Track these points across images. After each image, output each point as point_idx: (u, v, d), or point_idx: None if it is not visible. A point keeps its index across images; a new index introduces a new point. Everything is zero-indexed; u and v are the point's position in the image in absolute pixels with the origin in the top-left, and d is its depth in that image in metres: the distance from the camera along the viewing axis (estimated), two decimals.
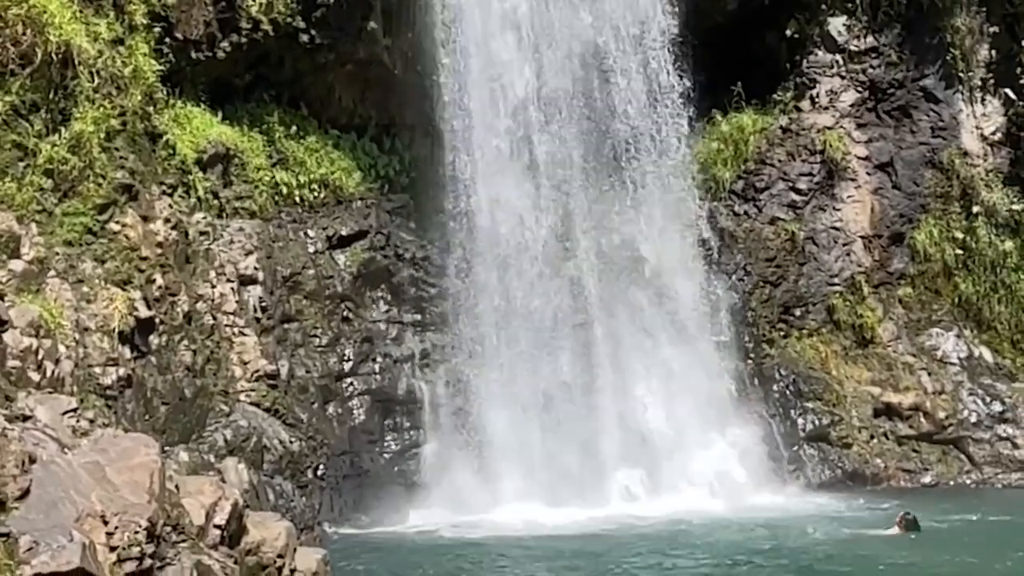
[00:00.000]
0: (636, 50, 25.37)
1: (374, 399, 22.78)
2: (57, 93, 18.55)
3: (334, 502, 21.32)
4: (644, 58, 25.36)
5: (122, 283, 18.35)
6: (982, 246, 26.89)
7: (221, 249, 21.48)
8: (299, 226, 23.25)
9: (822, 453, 25.11)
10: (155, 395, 18.53)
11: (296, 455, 20.70)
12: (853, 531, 19.38)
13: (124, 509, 10.98)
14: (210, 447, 19.24)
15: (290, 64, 23.73)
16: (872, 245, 27.21)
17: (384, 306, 23.68)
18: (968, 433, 25.66)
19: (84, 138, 18.48)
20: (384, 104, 24.86)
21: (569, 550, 18.61)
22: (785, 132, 27.38)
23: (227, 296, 21.09)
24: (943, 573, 16.29)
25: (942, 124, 27.61)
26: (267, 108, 23.80)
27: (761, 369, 25.68)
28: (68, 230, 18.08)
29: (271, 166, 23.32)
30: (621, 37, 25.23)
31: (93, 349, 17.29)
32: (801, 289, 26.65)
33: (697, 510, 21.67)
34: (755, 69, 27.35)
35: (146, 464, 11.90)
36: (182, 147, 21.20)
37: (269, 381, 21.04)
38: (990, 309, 26.68)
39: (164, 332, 19.12)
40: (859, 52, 27.47)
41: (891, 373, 26.14)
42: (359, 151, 24.71)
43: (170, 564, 11.55)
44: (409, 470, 22.63)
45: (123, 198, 19.01)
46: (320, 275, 22.95)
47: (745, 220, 26.74)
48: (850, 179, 27.23)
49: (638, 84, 25.20)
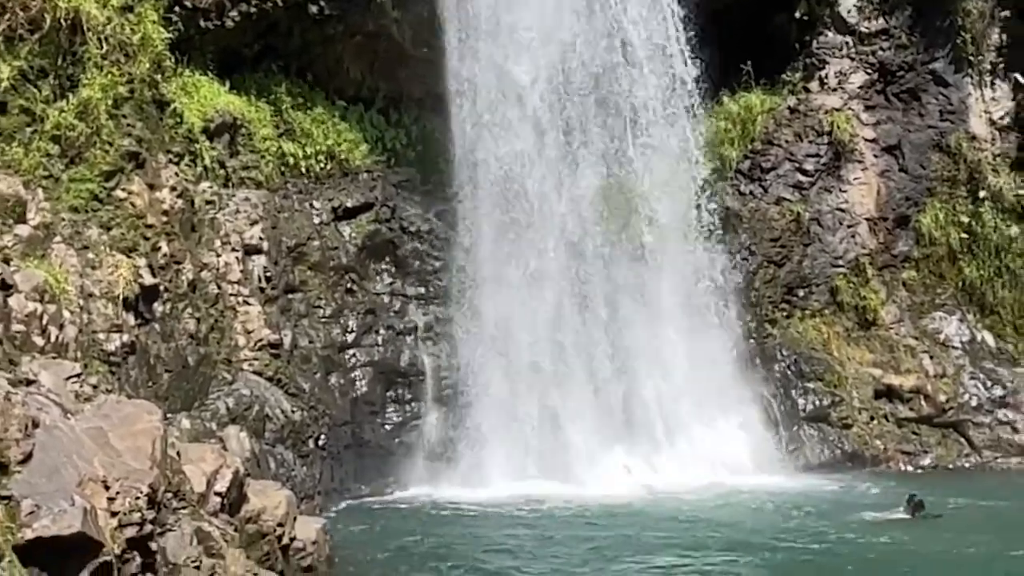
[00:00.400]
0: (647, 27, 25.30)
1: (376, 371, 22.85)
2: (65, 59, 18.58)
3: (335, 472, 21.42)
4: (655, 35, 25.29)
5: (127, 250, 18.41)
6: (987, 231, 26.87)
7: (227, 218, 21.51)
8: (305, 197, 23.28)
9: (822, 433, 25.16)
10: (158, 362, 18.60)
11: (298, 425, 20.80)
12: (858, 513, 19.32)
13: (126, 475, 11.07)
14: (212, 415, 19.33)
15: (299, 35, 23.70)
16: (877, 227, 27.20)
17: (388, 278, 23.74)
18: (968, 417, 25.70)
19: (92, 105, 18.51)
20: (392, 77, 24.84)
21: (565, 525, 18.71)
22: (793, 113, 27.33)
23: (232, 265, 21.14)
24: (967, 557, 16.11)
25: (951, 108, 27.55)
26: (275, 78, 23.79)
27: (763, 349, 25.71)
28: (74, 196, 18.14)
29: (278, 136, 23.34)
30: (632, 14, 25.15)
31: (97, 315, 17.36)
32: (805, 270, 26.66)
33: (696, 487, 21.72)
34: (764, 49, 27.28)
35: (148, 431, 12.00)
36: (189, 116, 21.21)
37: (272, 351, 21.11)
38: (994, 294, 26.69)
39: (168, 300, 19.19)
40: (869, 34, 27.38)
41: (893, 355, 26.18)
42: (366, 123, 24.72)
43: (171, 530, 11.66)
44: (410, 441, 22.72)
45: (130, 165, 19.05)
46: (325, 246, 23.01)
47: (751, 200, 26.72)
48: (857, 161, 27.19)
49: (649, 61, 25.14)
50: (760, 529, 18.15)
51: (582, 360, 23.79)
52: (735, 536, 17.59)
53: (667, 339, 24.47)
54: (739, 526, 18.40)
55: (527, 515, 19.58)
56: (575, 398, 23.36)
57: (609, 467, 22.93)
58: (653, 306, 24.74)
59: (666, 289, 24.87)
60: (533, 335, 23.69)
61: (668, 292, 24.86)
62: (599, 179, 24.90)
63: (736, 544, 17.03)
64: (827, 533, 17.76)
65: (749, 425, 24.43)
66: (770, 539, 17.28)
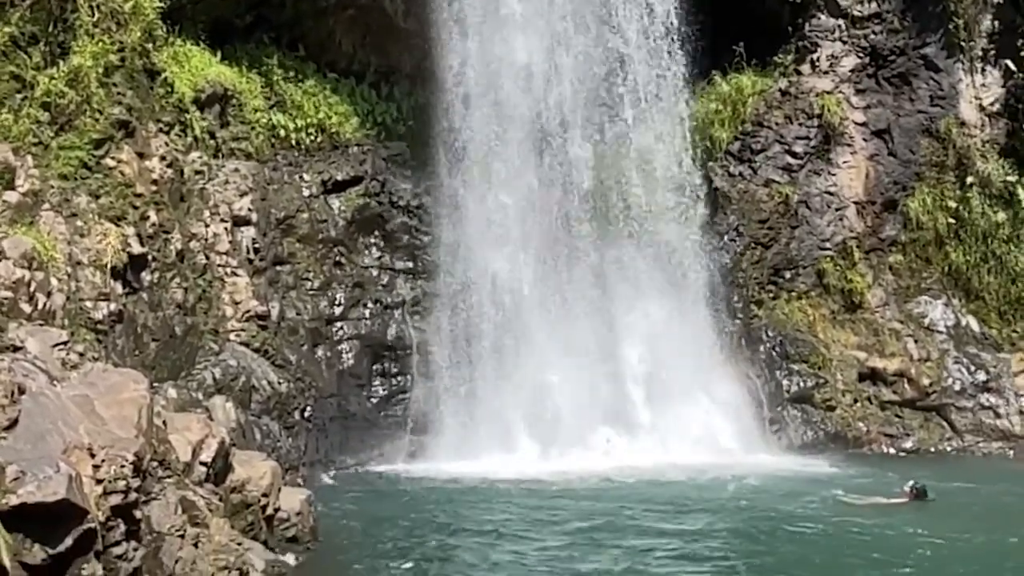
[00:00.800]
0: (641, 7, 25.30)
1: (363, 344, 22.92)
2: (56, 26, 18.52)
3: (320, 444, 21.50)
4: (648, 14, 25.29)
5: (116, 219, 18.41)
6: (975, 216, 26.90)
7: (216, 189, 21.52)
8: (294, 169, 23.28)
9: (805, 415, 25.27)
10: (145, 331, 18.63)
11: (284, 396, 20.86)
12: (846, 495, 19.19)
13: (111, 443, 11.10)
14: (199, 385, 19.37)
15: (291, 6, 23.68)
16: (865, 211, 27.25)
17: (376, 252, 23.79)
18: (951, 401, 25.82)
19: (82, 72, 18.48)
20: (384, 51, 24.82)
21: (549, 501, 18.77)
22: (784, 95, 27.33)
23: (220, 236, 21.16)
24: (968, 546, 15.85)
25: (941, 93, 27.56)
26: (266, 50, 23.78)
27: (749, 330, 25.78)
28: (64, 164, 18.11)
29: (268, 108, 23.34)
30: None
31: (85, 283, 17.37)
32: (792, 252, 26.73)
33: (681, 465, 21.84)
34: (756, 31, 27.26)
35: (135, 399, 12.02)
36: (180, 85, 21.18)
37: (259, 322, 21.16)
38: (979, 279, 26.75)
39: (156, 269, 19.20)
40: (862, 17, 27.38)
41: (878, 339, 26.27)
42: (357, 97, 24.72)
43: (155, 499, 11.70)
44: (396, 415, 22.82)
45: (119, 134, 19.03)
46: (314, 219, 23.03)
47: (740, 181, 26.75)
48: (846, 144, 27.22)
49: (642, 40, 25.16)
50: (744, 510, 18.19)
51: (568, 337, 23.84)
52: (718, 518, 17.60)
53: (654, 318, 24.54)
54: (723, 507, 18.41)
55: (512, 490, 19.65)
56: (561, 375, 23.43)
57: (594, 443, 23.05)
58: (640, 285, 24.81)
59: (654, 268, 24.94)
60: (519, 312, 23.74)
61: (655, 271, 24.93)
62: (589, 157, 24.91)
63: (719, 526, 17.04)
64: (818, 516, 17.65)
65: (734, 405, 24.52)
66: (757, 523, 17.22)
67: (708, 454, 22.95)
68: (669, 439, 23.47)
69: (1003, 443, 25.54)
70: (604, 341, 24.08)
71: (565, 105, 24.57)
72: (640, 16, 25.10)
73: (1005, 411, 25.77)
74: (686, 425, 23.80)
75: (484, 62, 24.17)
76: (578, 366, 23.61)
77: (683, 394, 24.17)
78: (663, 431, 23.63)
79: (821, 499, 19.00)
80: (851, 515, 17.74)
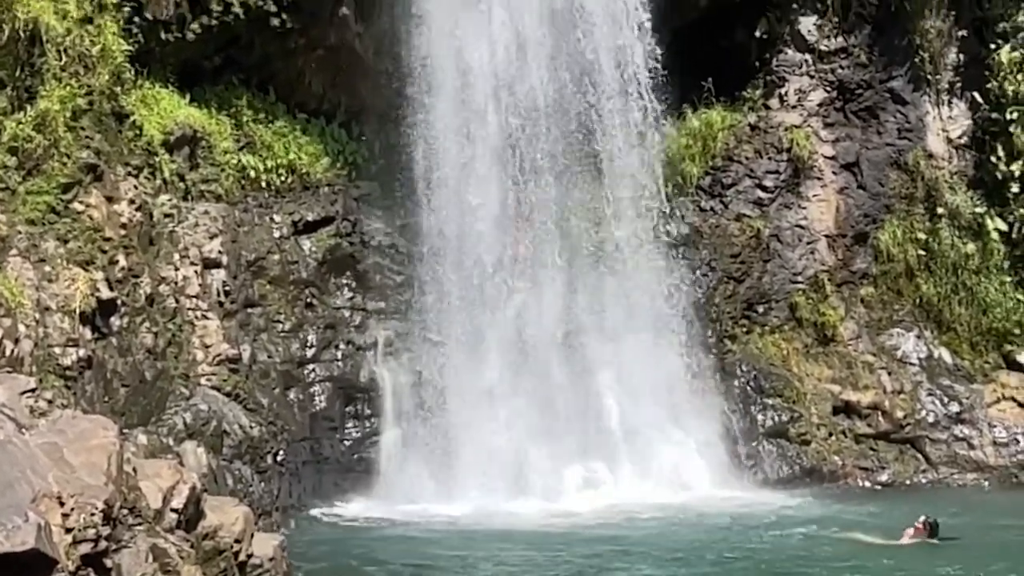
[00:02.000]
0: (609, 42, 25.36)
1: (336, 386, 22.78)
2: (24, 70, 18.45)
3: (293, 488, 21.31)
4: (617, 50, 25.35)
5: (84, 263, 18.27)
6: (944, 248, 27.05)
7: (185, 232, 21.40)
8: (265, 211, 23.19)
9: (780, 449, 25.24)
10: (115, 377, 18.46)
11: (256, 440, 20.68)
12: (843, 535, 18.66)
13: (81, 491, 10.94)
14: (169, 430, 19.19)
15: (260, 48, 23.63)
16: (836, 244, 27.36)
17: (348, 293, 23.68)
18: (925, 433, 25.85)
19: (50, 116, 18.39)
20: (354, 90, 24.80)
21: (523, 541, 18.65)
22: (753, 129, 27.46)
23: (190, 279, 21.02)
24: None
25: (908, 126, 27.76)
26: (236, 91, 23.71)
27: (723, 364, 25.77)
28: (31, 208, 17.99)
29: (238, 150, 23.25)
30: (594, 29, 25.21)
31: (53, 329, 17.21)
32: (764, 286, 26.78)
33: (654, 503, 21.74)
34: (725, 66, 27.39)
35: (104, 446, 11.86)
36: (149, 128, 21.10)
37: (231, 365, 21.00)
38: (951, 311, 26.86)
39: (126, 314, 19.05)
40: (828, 52, 27.57)
41: (851, 372, 26.31)
42: (328, 137, 24.67)
43: (126, 547, 11.52)
44: (369, 458, 22.64)
45: (88, 178, 18.92)
46: (285, 260, 22.92)
47: (711, 216, 26.83)
48: (816, 178, 27.35)
49: (610, 75, 25.20)
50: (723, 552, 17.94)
51: (542, 374, 23.76)
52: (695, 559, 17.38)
53: (627, 353, 24.48)
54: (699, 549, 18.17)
55: (487, 532, 19.51)
56: (535, 412, 23.32)
57: (569, 482, 22.92)
58: (614, 320, 24.77)
59: (627, 303, 24.90)
60: (493, 350, 23.66)
61: (629, 306, 24.89)
62: (560, 195, 24.92)
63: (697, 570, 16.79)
64: (810, 556, 17.19)
65: (708, 440, 24.45)
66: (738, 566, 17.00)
67: (682, 491, 22.87)
68: (642, 476, 23.36)
69: (978, 474, 25.58)
70: (577, 377, 24.00)
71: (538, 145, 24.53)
72: (612, 59, 25.13)
73: (979, 442, 25.82)
74: (660, 462, 23.71)
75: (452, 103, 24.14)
76: (552, 403, 23.51)
77: (657, 430, 24.10)
78: (636, 468, 23.52)
79: (806, 536, 18.79)
80: (840, 553, 17.44)
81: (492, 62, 24.46)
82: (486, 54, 24.42)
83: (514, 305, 24.08)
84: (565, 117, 24.84)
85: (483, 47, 24.35)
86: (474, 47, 24.28)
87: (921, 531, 17.99)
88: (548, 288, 24.41)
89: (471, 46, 24.27)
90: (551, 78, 24.60)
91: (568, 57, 24.88)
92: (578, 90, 24.89)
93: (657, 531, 19.45)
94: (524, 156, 24.46)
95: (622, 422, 23.92)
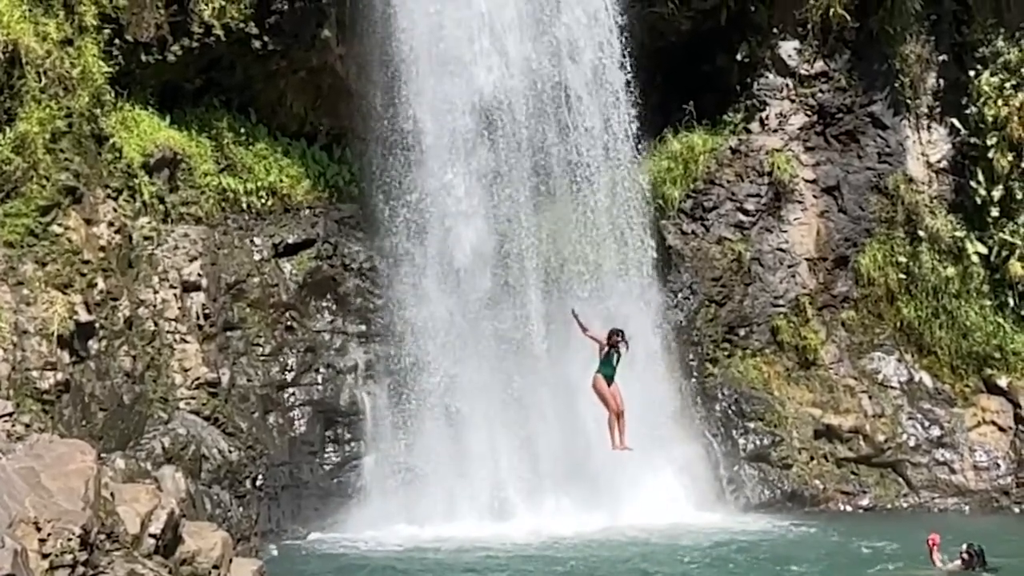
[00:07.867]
0: (590, 66, 25.40)
1: (316, 410, 22.67)
2: (3, 92, 18.40)
3: (272, 513, 21.19)
4: (598, 74, 25.39)
5: (63, 286, 18.15)
6: (925, 271, 27.11)
7: (165, 254, 21.29)
8: (245, 233, 23.11)
9: (762, 473, 25.22)
10: (93, 400, 18.32)
11: (235, 465, 20.54)
12: (850, 562, 18.47)
13: (58, 516, 10.87)
14: (148, 455, 19.05)
15: (241, 70, 23.60)
16: (817, 268, 27.41)
17: (329, 316, 23.59)
18: (906, 457, 25.87)
19: (29, 139, 18.31)
20: (336, 113, 24.78)
21: (500, 568, 18.56)
22: (734, 153, 27.52)
23: (170, 302, 20.90)
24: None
25: (888, 150, 27.85)
26: (216, 113, 23.65)
27: (704, 388, 25.76)
28: (9, 231, 17.89)
29: (219, 172, 23.18)
30: (576, 53, 25.25)
31: (31, 352, 17.10)
32: (746, 309, 26.78)
33: (636, 527, 21.68)
34: (706, 90, 27.49)
35: (82, 471, 11.79)
36: (129, 150, 21.02)
37: (210, 389, 20.87)
38: (931, 334, 26.90)
39: (104, 337, 18.93)
40: (809, 76, 27.66)
41: (832, 395, 26.32)
42: (309, 159, 24.62)
43: (103, 572, 11.45)
44: (349, 482, 22.53)
45: (67, 200, 18.82)
46: (265, 283, 22.83)
47: (693, 239, 26.85)
48: (797, 201, 27.41)
49: (591, 99, 25.22)
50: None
51: (521, 398, 23.69)
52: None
53: None
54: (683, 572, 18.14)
55: (468, 558, 19.41)
56: (514, 437, 23.25)
57: (548, 506, 22.84)
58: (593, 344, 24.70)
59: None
60: (471, 374, 23.57)
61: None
62: (540, 219, 24.89)
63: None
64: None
65: (690, 465, 24.41)
66: None
67: (664, 516, 22.78)
68: (623, 501, 23.26)
69: (959, 498, 25.61)
70: (557, 401, 23.92)
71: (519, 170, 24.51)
72: (593, 83, 25.15)
73: (960, 466, 25.86)
74: (641, 486, 23.61)
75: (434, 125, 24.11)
76: (530, 427, 23.44)
77: (638, 454, 24.00)
78: (617, 493, 23.42)
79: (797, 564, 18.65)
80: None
81: (474, 88, 24.40)
82: (468, 81, 24.37)
83: (494, 328, 23.99)
84: (548, 143, 24.82)
85: (466, 75, 24.32)
86: (456, 73, 24.24)
87: (966, 560, 17.36)
88: (527, 312, 24.33)
89: (454, 72, 24.23)
90: (534, 104, 24.56)
91: (550, 83, 24.86)
92: (560, 115, 24.89)
93: (638, 555, 19.37)
94: (506, 183, 24.43)
95: (602, 446, 23.80)
